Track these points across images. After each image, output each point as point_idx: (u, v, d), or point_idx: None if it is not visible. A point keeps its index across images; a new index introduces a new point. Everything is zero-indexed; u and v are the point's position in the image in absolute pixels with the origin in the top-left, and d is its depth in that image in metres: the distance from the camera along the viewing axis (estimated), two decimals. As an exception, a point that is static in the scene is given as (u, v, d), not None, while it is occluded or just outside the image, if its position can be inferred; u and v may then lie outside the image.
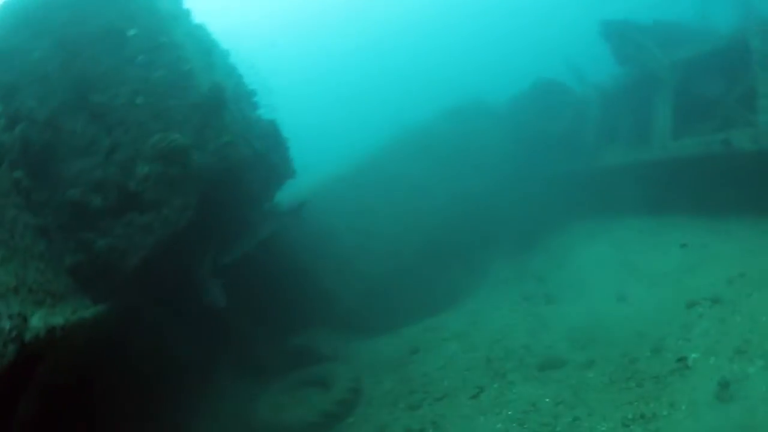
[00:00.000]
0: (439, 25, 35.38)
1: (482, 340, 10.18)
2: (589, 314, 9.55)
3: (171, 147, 8.59)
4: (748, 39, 11.11)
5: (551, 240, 13.27)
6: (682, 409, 6.87)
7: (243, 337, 11.95)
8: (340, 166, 15.18)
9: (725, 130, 11.45)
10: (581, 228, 13.32)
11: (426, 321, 11.77)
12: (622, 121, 14.39)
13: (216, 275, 10.13)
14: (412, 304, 12.30)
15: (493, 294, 12.09)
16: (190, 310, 10.04)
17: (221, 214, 10.27)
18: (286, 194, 13.39)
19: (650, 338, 8.47)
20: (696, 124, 12.46)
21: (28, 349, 5.38)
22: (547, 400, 8.03)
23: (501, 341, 9.91)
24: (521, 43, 31.79)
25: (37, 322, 5.50)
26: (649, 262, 10.91)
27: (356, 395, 9.83)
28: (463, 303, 12.18)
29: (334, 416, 9.52)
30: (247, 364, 11.55)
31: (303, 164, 12.96)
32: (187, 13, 10.73)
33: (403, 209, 13.79)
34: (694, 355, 7.74)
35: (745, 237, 10.44)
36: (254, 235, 11.03)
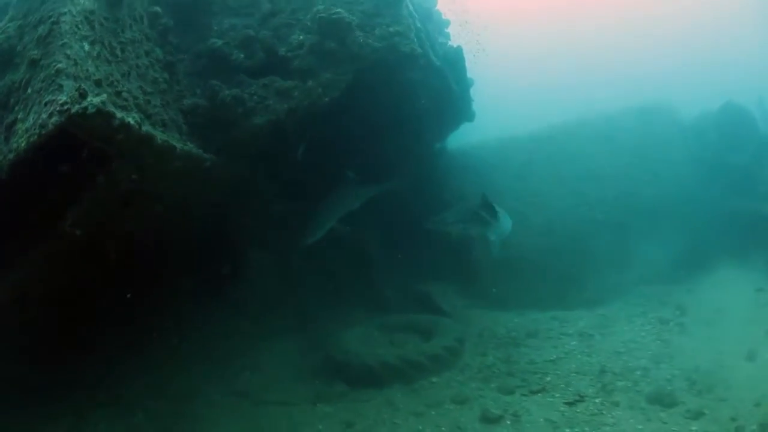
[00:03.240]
0: (638, 30, 32.23)
1: (603, 347, 9.04)
2: (717, 361, 8.12)
3: (332, 18, 7.69)
4: None
5: (703, 274, 11.43)
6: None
7: (374, 268, 11.30)
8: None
9: None
10: (737, 272, 11.35)
11: (556, 311, 10.64)
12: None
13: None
14: (549, 290, 11.19)
15: (629, 307, 10.67)
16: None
17: (376, 117, 9.40)
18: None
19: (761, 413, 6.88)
20: None
21: (76, 124, 4.96)
22: (642, 439, 6.84)
23: (622, 355, 8.73)
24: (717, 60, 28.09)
25: (95, 99, 4.97)
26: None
27: (452, 356, 8.99)
28: (597, 306, 10.88)
29: (418, 367, 8.65)
30: (372, 297, 11.13)
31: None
32: None
33: (569, 190, 12.47)
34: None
35: None
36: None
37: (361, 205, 9.53)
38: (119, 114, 5.25)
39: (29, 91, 5.32)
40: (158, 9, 7.13)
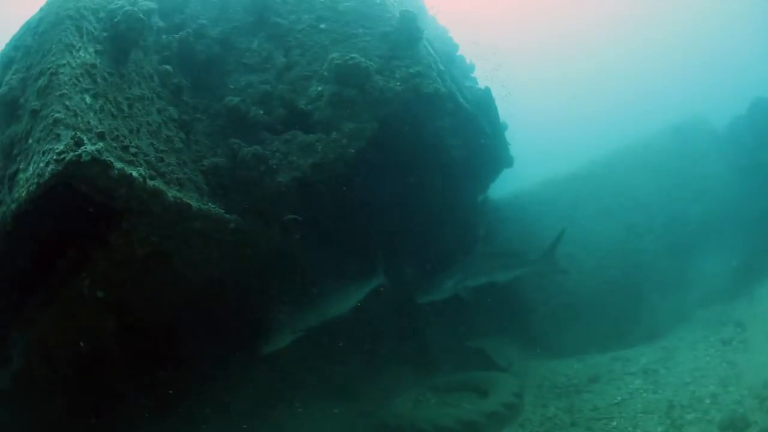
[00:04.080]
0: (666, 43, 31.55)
1: (669, 381, 8.31)
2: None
3: (348, 65, 7.40)
4: None
5: (760, 285, 10.56)
6: None
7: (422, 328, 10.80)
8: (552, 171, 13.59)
9: None
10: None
11: (616, 350, 9.90)
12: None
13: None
14: (607, 330, 10.48)
15: (690, 334, 9.91)
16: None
17: (408, 173, 9.08)
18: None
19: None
20: None
21: (71, 173, 4.80)
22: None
23: (689, 385, 8.01)
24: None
25: (90, 147, 4.83)
26: None
27: (511, 412, 8.28)
28: (658, 338, 10.14)
29: (475, 427, 7.94)
30: (421, 356, 10.58)
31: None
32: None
33: (617, 224, 11.89)
34: None
35: None
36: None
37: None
38: (118, 164, 5.08)
39: (30, 141, 5.25)
40: (169, 68, 7.07)
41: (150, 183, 5.51)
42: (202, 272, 7.09)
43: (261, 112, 7.50)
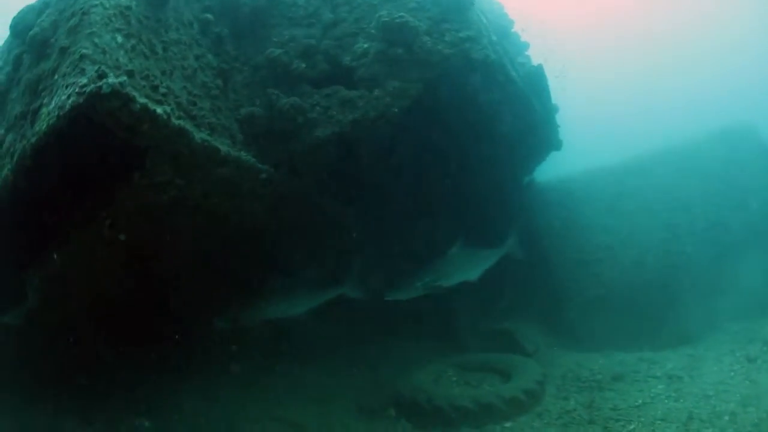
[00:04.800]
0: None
1: (692, 390, 7.99)
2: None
3: (396, 23, 7.07)
4: None
5: None
6: None
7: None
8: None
9: None
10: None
11: (643, 351, 9.63)
12: None
13: None
14: (637, 329, 10.16)
15: (717, 346, 9.58)
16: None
17: (452, 146, 8.76)
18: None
19: None
20: None
21: (92, 106, 4.66)
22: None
23: (711, 399, 7.68)
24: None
25: (111, 80, 4.68)
26: None
27: (531, 400, 8.03)
28: (685, 345, 9.83)
29: (492, 410, 7.74)
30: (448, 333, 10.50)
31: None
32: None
33: (659, 222, 11.45)
34: None
35: None
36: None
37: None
38: (141, 99, 4.91)
39: (56, 77, 5.16)
40: (210, 16, 6.87)
41: (175, 121, 5.34)
42: (229, 224, 6.94)
43: (303, 65, 7.24)
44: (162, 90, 5.46)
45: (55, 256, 5.73)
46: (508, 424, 7.62)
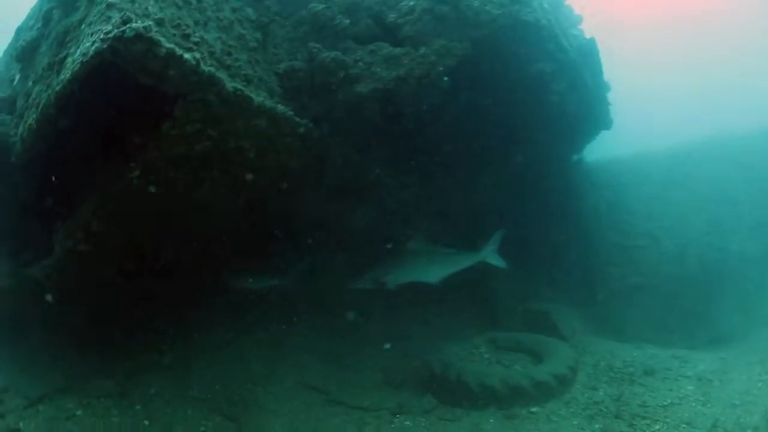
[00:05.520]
0: None
1: (720, 396, 7.67)
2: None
3: (444, -19, 6.78)
4: None
5: None
6: None
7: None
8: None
9: None
10: None
11: (677, 348, 9.28)
12: None
13: None
14: (673, 324, 9.86)
15: (749, 352, 9.12)
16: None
17: (502, 117, 8.37)
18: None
19: None
20: None
21: (116, 50, 4.50)
22: None
23: (737, 408, 7.36)
24: None
25: (135, 24, 4.50)
26: None
27: (561, 386, 7.80)
28: (719, 347, 9.48)
29: (520, 392, 7.53)
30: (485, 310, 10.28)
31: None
32: None
33: (704, 215, 11.01)
34: None
35: None
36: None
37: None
38: (167, 44, 4.71)
39: (83, 27, 5.03)
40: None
41: (205, 68, 5.13)
42: (264, 181, 6.72)
43: (347, 21, 6.97)
44: (194, 39, 5.27)
45: (83, 208, 5.60)
46: (534, 409, 7.42)
